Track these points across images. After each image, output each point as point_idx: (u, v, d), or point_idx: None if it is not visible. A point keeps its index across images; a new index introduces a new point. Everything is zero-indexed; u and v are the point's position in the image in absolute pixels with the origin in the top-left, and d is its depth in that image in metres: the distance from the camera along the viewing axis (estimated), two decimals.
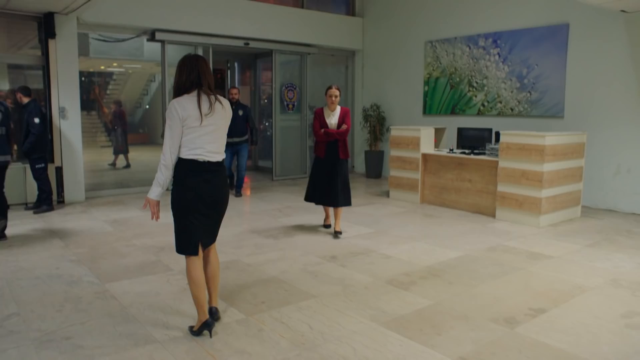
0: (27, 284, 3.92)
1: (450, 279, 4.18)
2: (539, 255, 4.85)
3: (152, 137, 9.83)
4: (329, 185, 5.41)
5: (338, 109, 5.44)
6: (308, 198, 5.62)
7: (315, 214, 6.49)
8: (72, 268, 4.33)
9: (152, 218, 2.99)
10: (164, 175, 2.91)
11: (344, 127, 5.37)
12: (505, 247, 5.13)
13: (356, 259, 4.69)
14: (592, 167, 7.02)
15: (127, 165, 8.96)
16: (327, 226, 5.84)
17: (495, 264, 4.59)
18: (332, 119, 5.42)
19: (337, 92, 5.39)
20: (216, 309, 3.25)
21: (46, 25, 6.92)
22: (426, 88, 9.37)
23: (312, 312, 3.45)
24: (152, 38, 8.06)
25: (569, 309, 3.54)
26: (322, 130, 5.39)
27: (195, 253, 2.99)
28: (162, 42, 8.14)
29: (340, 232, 5.47)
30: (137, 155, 8.97)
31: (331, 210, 5.83)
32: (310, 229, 5.84)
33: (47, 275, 4.12)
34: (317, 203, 5.59)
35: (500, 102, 8.20)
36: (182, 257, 3.10)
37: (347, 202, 5.51)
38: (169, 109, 2.88)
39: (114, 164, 8.78)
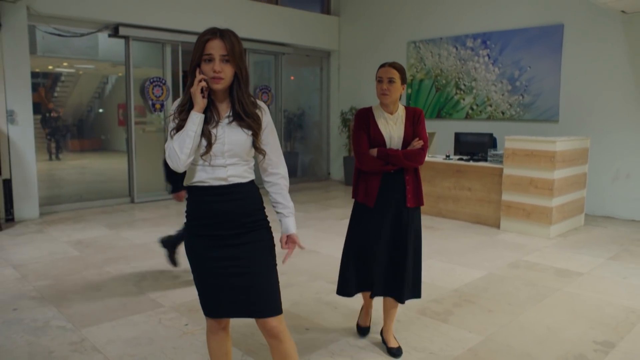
0: None
1: (488, 305, 3.67)
2: (567, 272, 4.43)
3: (105, 142, 9.02)
4: (388, 263, 2.84)
5: (401, 109, 2.86)
6: (344, 290, 2.92)
7: (308, 212, 5.84)
8: (35, 308, 3.50)
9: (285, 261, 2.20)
10: None
11: (419, 143, 2.81)
12: (527, 263, 4.69)
13: None
14: (590, 173, 6.76)
15: None
16: (364, 330, 3.15)
17: (526, 284, 4.12)
18: (394, 128, 2.82)
19: (395, 74, 2.75)
20: None
21: None
22: (409, 91, 8.93)
23: (349, 359, 2.83)
24: (114, 34, 7.19)
25: (638, 341, 3.10)
26: (374, 150, 2.79)
27: None
28: (127, 38, 7.27)
29: (398, 350, 2.89)
30: (90, 162, 8.01)
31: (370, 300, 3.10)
32: (309, 244, 5.18)
33: (1, 322, 3.28)
34: (372, 296, 2.93)
35: (491, 106, 7.86)
36: (172, 289, 2.56)
37: (417, 293, 2.92)
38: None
39: None
